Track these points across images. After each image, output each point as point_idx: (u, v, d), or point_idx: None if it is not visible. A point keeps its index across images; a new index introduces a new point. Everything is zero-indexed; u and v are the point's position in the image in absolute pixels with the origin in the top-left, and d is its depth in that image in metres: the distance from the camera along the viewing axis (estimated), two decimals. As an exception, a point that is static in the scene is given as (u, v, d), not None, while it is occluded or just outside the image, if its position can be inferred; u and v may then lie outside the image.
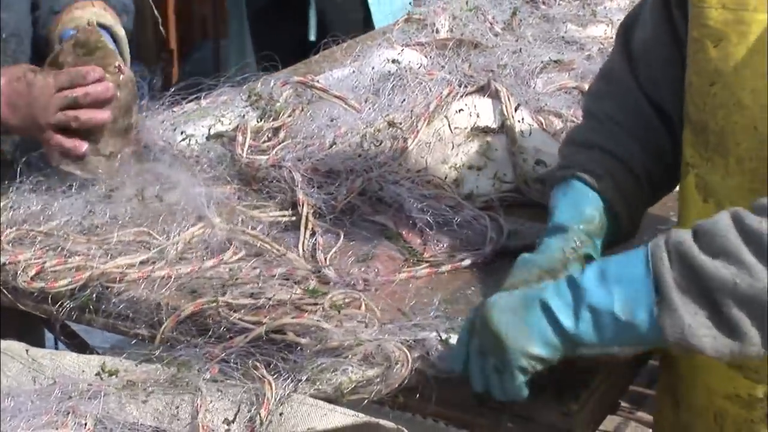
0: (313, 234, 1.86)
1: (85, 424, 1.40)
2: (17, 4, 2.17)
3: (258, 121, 2.16)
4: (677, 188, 1.65)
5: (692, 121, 1.53)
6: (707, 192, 1.51)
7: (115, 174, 1.97)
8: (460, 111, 2.09)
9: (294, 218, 1.91)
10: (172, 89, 2.20)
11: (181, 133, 2.13)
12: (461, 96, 2.12)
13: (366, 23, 3.98)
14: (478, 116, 2.09)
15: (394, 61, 2.39)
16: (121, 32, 2.19)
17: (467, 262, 1.80)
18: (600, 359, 1.46)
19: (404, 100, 2.14)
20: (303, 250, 1.82)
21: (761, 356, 1.33)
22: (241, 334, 1.56)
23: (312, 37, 4.07)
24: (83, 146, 1.95)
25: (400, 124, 2.05)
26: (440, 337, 1.50)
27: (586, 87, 2.10)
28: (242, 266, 1.74)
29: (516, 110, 2.09)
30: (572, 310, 1.34)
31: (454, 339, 1.48)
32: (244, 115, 2.17)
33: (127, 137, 2.01)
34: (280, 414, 1.40)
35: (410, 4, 2.94)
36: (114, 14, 2.21)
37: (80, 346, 1.92)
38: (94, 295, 1.71)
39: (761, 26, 1.42)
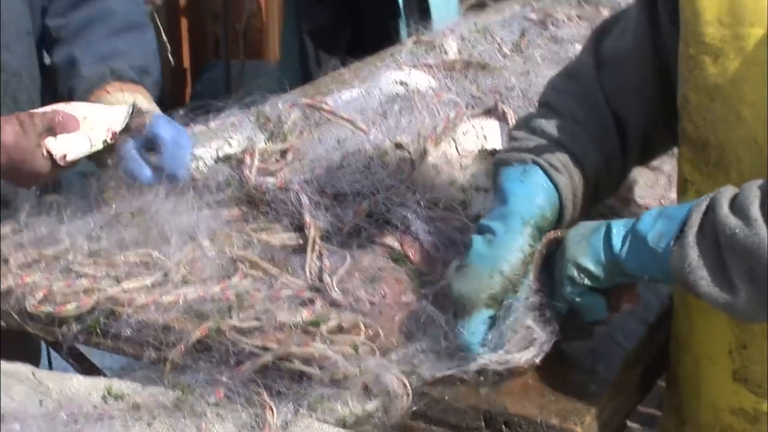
0: (319, 256, 1.86)
1: (91, 448, 1.41)
2: (16, 43, 2.15)
3: (266, 143, 2.16)
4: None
5: (691, 138, 1.53)
6: None
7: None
8: (466, 133, 2.09)
9: (301, 241, 1.91)
10: (181, 111, 2.21)
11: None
12: (468, 118, 2.13)
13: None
14: (485, 138, 2.09)
15: (402, 83, 2.40)
16: (156, 109, 2.09)
17: (474, 284, 1.79)
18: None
19: (411, 121, 2.14)
20: (309, 273, 1.82)
21: (750, 318, 1.38)
22: (246, 358, 1.56)
23: None
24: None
25: (408, 145, 2.06)
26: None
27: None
28: (249, 289, 1.74)
29: (523, 132, 2.08)
30: (623, 236, 1.43)
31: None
32: (252, 137, 2.17)
33: None
34: (283, 438, 1.40)
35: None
36: (147, 94, 2.12)
37: (89, 369, 1.92)
38: (102, 319, 1.72)
39: (758, 40, 1.43)
